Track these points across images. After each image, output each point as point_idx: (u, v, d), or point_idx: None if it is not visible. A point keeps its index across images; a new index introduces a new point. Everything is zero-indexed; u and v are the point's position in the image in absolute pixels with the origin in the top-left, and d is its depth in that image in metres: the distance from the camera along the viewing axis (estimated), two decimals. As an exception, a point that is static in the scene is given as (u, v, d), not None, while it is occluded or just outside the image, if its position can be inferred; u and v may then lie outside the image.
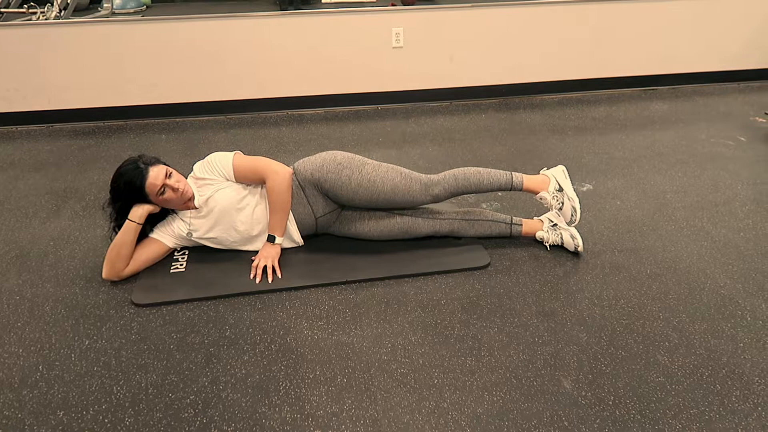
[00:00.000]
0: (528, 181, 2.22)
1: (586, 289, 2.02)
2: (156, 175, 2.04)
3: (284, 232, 2.16)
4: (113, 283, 2.08)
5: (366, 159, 2.19)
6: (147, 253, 2.13)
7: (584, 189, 2.77)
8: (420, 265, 2.15)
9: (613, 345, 1.75)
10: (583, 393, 1.57)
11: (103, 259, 2.09)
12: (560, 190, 2.20)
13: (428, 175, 2.19)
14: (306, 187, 2.17)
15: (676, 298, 1.96)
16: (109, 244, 2.07)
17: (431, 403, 1.54)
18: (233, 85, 3.84)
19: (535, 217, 2.36)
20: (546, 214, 2.34)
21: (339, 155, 2.19)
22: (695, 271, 2.10)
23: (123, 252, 2.06)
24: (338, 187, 2.12)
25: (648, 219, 2.48)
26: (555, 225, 2.27)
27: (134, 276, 2.10)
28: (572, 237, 2.21)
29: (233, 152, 2.18)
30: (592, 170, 2.95)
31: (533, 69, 4.17)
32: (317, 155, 2.22)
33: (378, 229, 2.25)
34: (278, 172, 2.09)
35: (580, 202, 2.24)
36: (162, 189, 2.05)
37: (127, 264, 2.08)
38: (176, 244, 2.21)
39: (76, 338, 1.81)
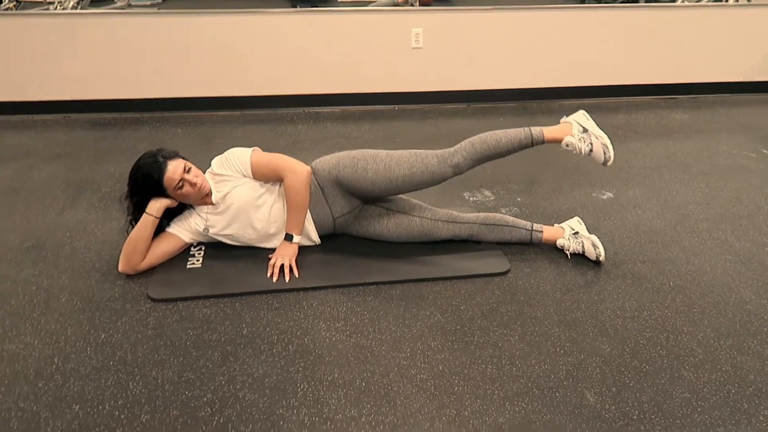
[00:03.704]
0: (549, 131, 2.14)
1: (608, 299, 1.98)
2: (174, 169, 2.02)
3: (302, 231, 2.14)
4: (129, 276, 2.06)
5: (380, 150, 2.17)
6: (163, 248, 2.11)
7: (604, 197, 2.73)
8: (439, 269, 2.12)
9: (636, 358, 1.71)
10: (607, 406, 1.53)
11: (119, 252, 2.08)
12: (585, 131, 2.14)
13: (443, 149, 2.15)
14: (325, 187, 2.15)
15: (700, 312, 1.92)
16: (126, 237, 2.06)
17: (452, 411, 1.52)
18: (250, 80, 3.82)
19: (555, 224, 2.32)
20: (567, 222, 2.31)
21: (353, 152, 2.18)
22: (719, 285, 2.07)
23: (140, 246, 2.04)
24: (356, 179, 2.10)
25: (670, 230, 2.44)
26: (576, 233, 2.24)
27: (150, 270, 2.08)
28: (594, 246, 2.17)
29: (252, 148, 2.16)
30: (613, 178, 2.91)
31: (552, 74, 4.13)
32: (332, 155, 2.20)
33: (397, 231, 2.23)
34: (296, 170, 2.07)
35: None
36: (180, 183, 2.03)
37: (144, 258, 2.06)
38: (192, 239, 2.19)
39: (92, 331, 1.79)
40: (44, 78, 3.64)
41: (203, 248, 2.22)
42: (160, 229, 2.13)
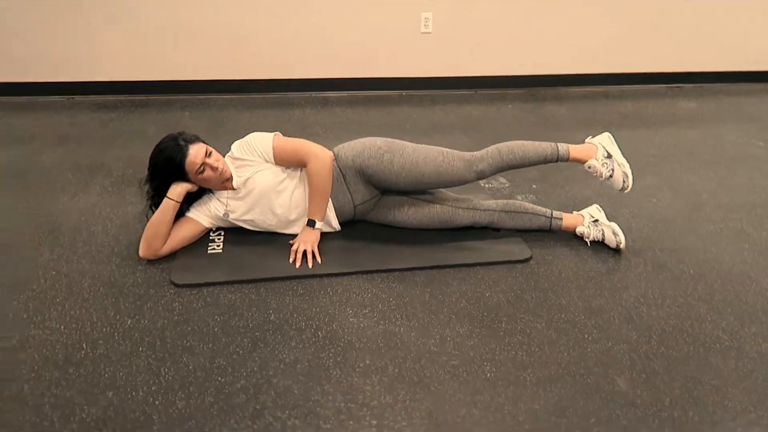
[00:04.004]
0: (574, 150, 2.17)
1: (630, 286, 2.00)
2: (196, 153, 2.00)
3: (324, 217, 2.12)
4: (150, 262, 2.04)
5: (405, 142, 2.15)
6: (184, 233, 2.09)
7: (619, 185, 2.73)
8: (461, 256, 2.12)
9: (663, 345, 1.73)
10: (639, 392, 1.55)
11: (138, 236, 2.06)
12: (609, 156, 2.16)
13: (471, 153, 2.15)
14: (347, 174, 2.13)
15: (722, 300, 1.94)
16: (145, 222, 2.04)
17: (486, 397, 1.52)
18: (257, 64, 3.78)
19: (574, 212, 2.33)
20: (586, 209, 2.32)
21: (379, 140, 2.16)
22: (738, 273, 2.09)
23: (161, 230, 2.02)
24: (381, 171, 2.09)
25: (685, 218, 2.46)
26: (596, 221, 2.25)
27: (170, 255, 2.06)
28: (614, 234, 2.18)
29: (273, 133, 2.14)
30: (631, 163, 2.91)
31: (560, 61, 4.13)
32: (356, 141, 2.18)
33: (417, 218, 2.22)
34: (320, 155, 2.05)
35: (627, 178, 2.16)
36: (201, 168, 2.01)
37: (164, 243, 2.04)
38: (212, 224, 2.17)
39: (118, 317, 1.78)
40: (47, 59, 3.57)
41: (222, 233, 2.20)
42: (180, 213, 2.11)
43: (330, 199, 2.14)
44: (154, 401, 1.48)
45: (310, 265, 2.03)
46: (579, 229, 2.25)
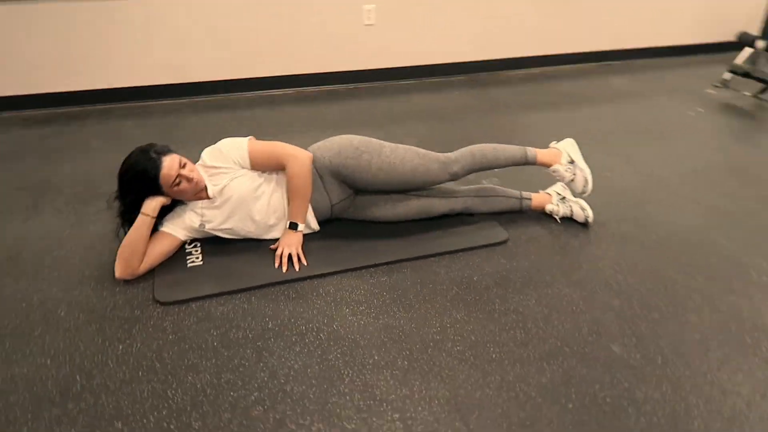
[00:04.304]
0: (541, 155, 2.27)
1: (604, 257, 2.12)
2: (170, 165, 1.93)
3: (305, 219, 2.11)
4: (127, 282, 1.95)
5: (381, 142, 2.16)
6: (160, 248, 2.01)
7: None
8: (442, 244, 2.16)
9: (645, 308, 1.85)
10: (633, 355, 1.66)
11: (106, 257, 1.99)
12: (572, 162, 2.28)
13: (445, 154, 2.20)
14: (324, 175, 2.12)
15: (687, 262, 2.09)
16: (112, 241, 1.96)
17: (497, 378, 1.58)
18: (198, 65, 3.65)
19: (541, 191, 2.43)
20: (552, 187, 2.42)
21: (355, 139, 2.15)
22: (697, 235, 2.26)
23: (138, 248, 1.94)
24: (358, 172, 2.09)
25: (639, 189, 2.62)
26: (563, 198, 2.36)
27: (148, 274, 1.98)
28: (582, 209, 2.30)
29: (246, 138, 2.09)
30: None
31: (498, 46, 4.25)
32: (331, 141, 2.17)
33: (395, 212, 2.24)
34: (299, 157, 2.03)
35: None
36: (177, 180, 1.94)
37: (142, 261, 1.96)
38: (188, 236, 2.10)
39: (107, 343, 1.70)
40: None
41: (199, 245, 2.14)
42: (153, 229, 2.02)
43: (307, 200, 2.12)
44: (169, 425, 1.43)
45: (297, 268, 2.01)
46: (548, 207, 2.35)
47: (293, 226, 2.08)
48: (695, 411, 1.48)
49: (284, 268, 2.01)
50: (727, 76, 3.95)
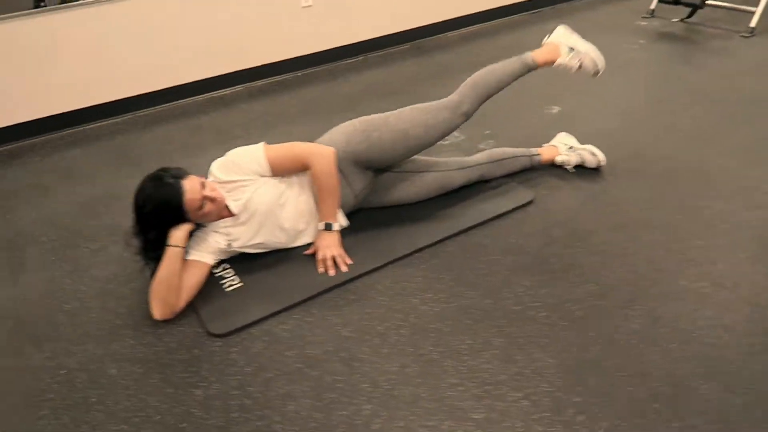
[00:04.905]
0: (539, 56, 2.23)
1: (629, 197, 2.19)
2: (192, 188, 1.76)
3: (337, 216, 2.01)
4: (167, 323, 1.78)
5: (380, 114, 2.09)
6: (194, 278, 1.84)
7: (554, 111, 2.94)
8: (474, 216, 2.14)
9: (687, 237, 1.94)
10: (701, 284, 1.73)
11: (127, 300, 1.86)
12: (572, 50, 2.27)
13: (448, 98, 2.14)
14: (342, 167, 2.02)
15: (702, 188, 2.21)
16: (135, 281, 1.79)
17: (591, 334, 1.60)
18: (132, 78, 3.33)
19: (545, 145, 2.46)
20: (556, 139, 2.46)
21: (357, 123, 2.07)
22: (695, 162, 2.39)
23: (173, 283, 1.77)
24: (374, 151, 2.02)
25: (623, 125, 2.73)
26: (571, 147, 2.40)
27: (185, 309, 1.81)
28: (593, 154, 2.35)
29: (259, 144, 1.95)
30: (548, 94, 3.12)
31: (433, 9, 4.22)
32: (334, 133, 2.08)
33: (415, 191, 2.19)
34: (323, 154, 1.92)
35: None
36: (202, 202, 1.77)
37: (179, 296, 1.79)
38: (215, 260, 1.94)
39: (180, 392, 1.54)
40: None
41: (228, 266, 1.99)
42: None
43: (331, 197, 2.02)
44: (295, 461, 1.34)
45: (344, 269, 1.92)
46: (558, 159, 2.39)
47: (329, 227, 1.97)
48: (778, 322, 1.58)
49: (331, 272, 1.91)
50: (653, 5, 4.16)
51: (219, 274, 1.96)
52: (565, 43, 2.25)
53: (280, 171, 1.93)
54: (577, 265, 1.86)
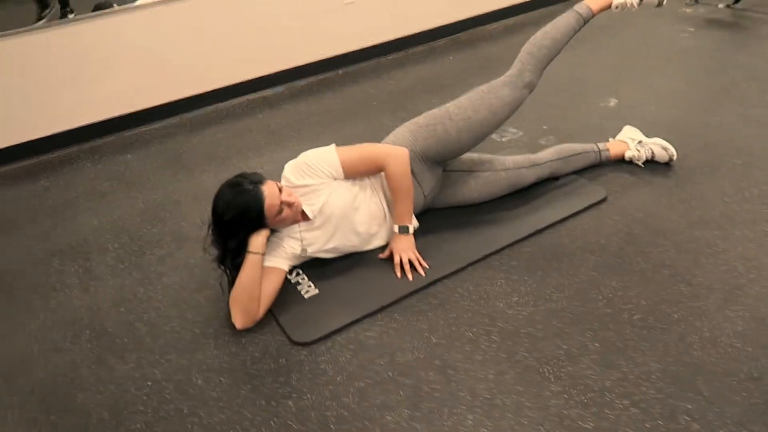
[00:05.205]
0: (593, 2, 2.14)
1: (706, 192, 2.12)
2: (271, 193, 1.73)
3: (412, 219, 1.97)
4: (247, 332, 1.75)
5: (441, 107, 2.04)
6: (272, 285, 1.81)
7: (612, 104, 2.86)
8: (547, 215, 2.09)
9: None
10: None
11: (204, 309, 1.85)
12: (640, 143, 2.30)
13: (507, 73, 2.08)
14: (412, 167, 1.97)
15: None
16: (210, 289, 1.77)
17: (694, 337, 1.55)
18: (173, 83, 3.31)
19: (611, 139, 2.39)
20: (623, 133, 2.39)
21: (420, 119, 2.04)
22: (760, 144, 2.30)
23: (255, 291, 1.74)
24: (443, 144, 1.98)
25: (687, 116, 2.65)
26: (640, 142, 2.33)
27: (263, 318, 1.78)
28: (664, 148, 2.28)
29: (330, 146, 1.91)
30: (602, 87, 3.04)
31: (468, 3, 4.14)
32: (398, 134, 2.04)
33: (486, 190, 2.14)
34: (397, 155, 1.87)
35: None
36: (280, 208, 1.74)
37: (259, 304, 1.76)
38: (290, 265, 1.91)
39: (273, 403, 1.51)
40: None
41: (301, 272, 1.96)
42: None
43: (401, 199, 1.98)
44: (404, 475, 1.30)
45: (422, 273, 1.88)
46: (628, 154, 2.32)
47: (404, 230, 1.93)
48: None
49: (409, 276, 1.87)
50: (698, -8, 4.05)
51: (294, 280, 1.93)
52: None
53: (353, 173, 1.89)
54: (666, 265, 1.80)
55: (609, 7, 2.15)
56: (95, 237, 2.34)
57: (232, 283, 1.78)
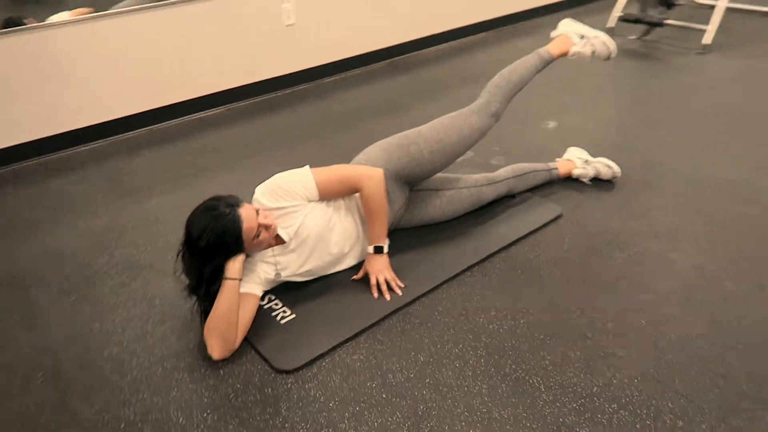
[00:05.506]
0: (554, 48, 2.28)
1: (654, 206, 2.28)
2: (248, 216, 1.67)
3: (385, 238, 1.97)
4: (224, 363, 1.67)
5: (413, 129, 2.10)
6: (247, 312, 1.74)
7: (551, 126, 3.04)
8: (509, 232, 2.16)
9: (731, 230, 2.05)
10: (746, 289, 1.84)
11: (172, 339, 1.74)
12: (582, 37, 2.32)
13: (475, 102, 2.17)
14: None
15: (717, 194, 2.34)
16: (176, 319, 1.67)
17: (666, 340, 1.65)
18: (103, 103, 3.14)
19: (558, 159, 2.53)
20: (570, 153, 2.53)
21: (393, 140, 2.08)
22: (699, 171, 2.53)
23: (233, 319, 1.66)
24: (416, 164, 2.02)
25: (622, 133, 2.87)
26: (587, 161, 2.48)
27: (240, 348, 1.70)
28: (608, 166, 2.45)
29: (304, 168, 1.88)
30: (542, 109, 3.23)
31: (416, 25, 4.27)
32: (371, 151, 2.06)
33: (450, 208, 2.20)
34: (372, 176, 1.88)
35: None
36: (258, 231, 1.69)
37: (237, 331, 1.69)
38: (263, 290, 1.85)
39: (265, 436, 1.45)
40: None
41: (274, 297, 1.90)
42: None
43: (371, 219, 1.98)
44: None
45: (399, 292, 1.88)
46: (576, 172, 2.46)
47: (379, 250, 1.93)
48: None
49: (387, 296, 1.87)
50: (611, 23, 4.41)
51: (267, 306, 1.86)
52: (574, 32, 2.33)
53: (328, 195, 1.87)
54: (627, 277, 1.92)
55: (566, 54, 2.29)
56: (32, 268, 2.15)
57: (205, 312, 1.69)
